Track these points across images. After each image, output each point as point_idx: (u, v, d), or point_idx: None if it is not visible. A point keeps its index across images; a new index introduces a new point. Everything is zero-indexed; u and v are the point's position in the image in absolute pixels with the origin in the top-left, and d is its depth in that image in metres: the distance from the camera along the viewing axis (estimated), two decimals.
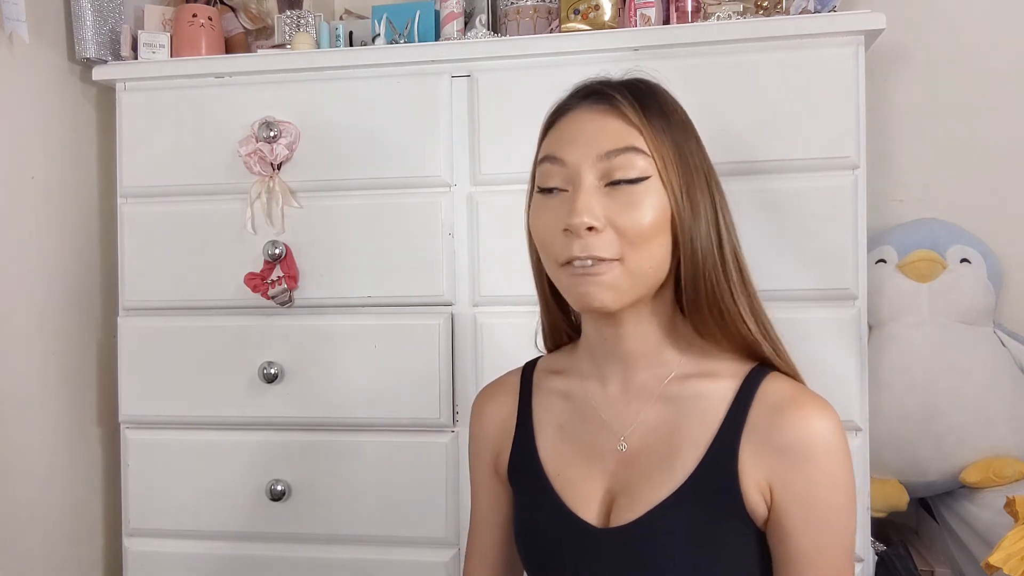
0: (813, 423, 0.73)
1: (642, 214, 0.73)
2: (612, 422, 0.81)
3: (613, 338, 0.80)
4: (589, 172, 0.74)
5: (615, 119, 0.75)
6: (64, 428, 1.53)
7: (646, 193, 0.74)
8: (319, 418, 1.46)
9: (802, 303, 1.33)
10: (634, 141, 0.74)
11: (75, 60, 1.54)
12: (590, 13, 1.44)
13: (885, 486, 1.60)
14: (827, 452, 0.73)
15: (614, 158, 0.74)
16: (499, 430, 0.90)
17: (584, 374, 0.85)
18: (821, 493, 0.72)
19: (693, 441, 0.76)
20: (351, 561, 1.46)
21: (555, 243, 0.76)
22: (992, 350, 1.63)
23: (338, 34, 1.57)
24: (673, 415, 0.79)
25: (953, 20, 1.76)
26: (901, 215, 1.77)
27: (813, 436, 0.73)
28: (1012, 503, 1.32)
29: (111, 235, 1.59)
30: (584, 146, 0.75)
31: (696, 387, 0.79)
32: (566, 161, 0.76)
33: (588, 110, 0.77)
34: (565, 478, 0.82)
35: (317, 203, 1.47)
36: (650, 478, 0.77)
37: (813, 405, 0.74)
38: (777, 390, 0.76)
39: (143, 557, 1.53)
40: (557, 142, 0.78)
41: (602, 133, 0.75)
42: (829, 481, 0.73)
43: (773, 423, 0.74)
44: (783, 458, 0.73)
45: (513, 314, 1.40)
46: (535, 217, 0.79)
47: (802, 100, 1.32)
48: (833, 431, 0.73)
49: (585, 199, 0.73)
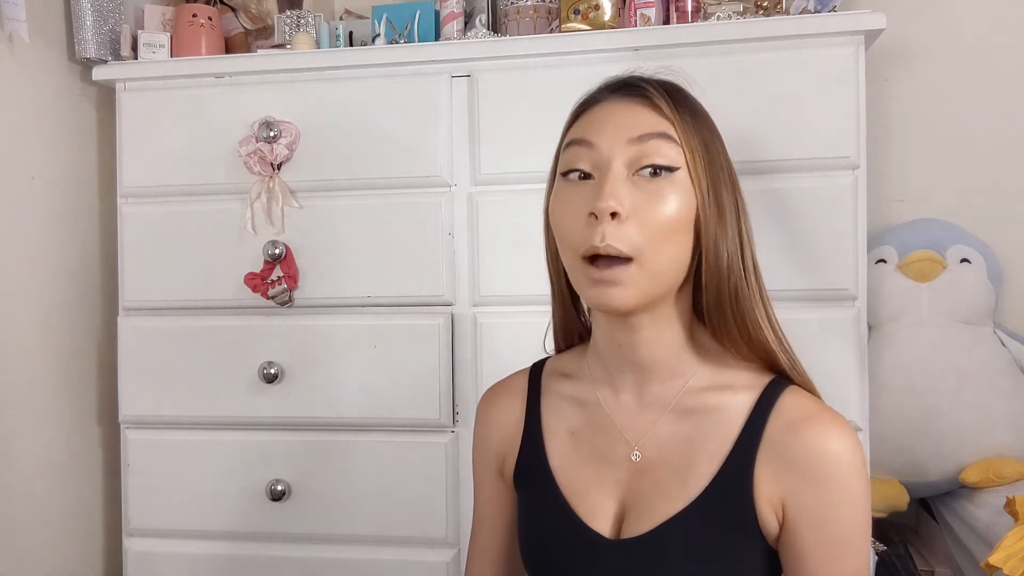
0: (831, 441, 0.71)
1: (667, 206, 0.72)
2: (626, 431, 0.80)
3: (629, 346, 0.78)
4: (619, 158, 0.73)
5: (647, 109, 0.75)
6: (64, 428, 1.53)
7: (672, 187, 0.72)
8: (319, 418, 1.46)
9: (802, 303, 1.33)
10: (666, 129, 0.74)
11: (75, 60, 1.54)
12: (590, 13, 1.44)
13: (885, 486, 1.60)
14: (844, 472, 0.71)
15: (646, 142, 0.73)
16: (506, 433, 0.88)
17: (595, 380, 0.83)
18: (836, 514, 0.71)
19: (709, 455, 0.75)
20: (351, 561, 1.46)
21: (576, 231, 0.73)
22: (992, 350, 1.63)
23: (338, 34, 1.57)
24: (689, 428, 0.77)
25: (953, 20, 1.76)
26: (901, 215, 1.77)
27: (830, 454, 0.71)
28: (1012, 503, 1.32)
29: (111, 235, 1.59)
30: (615, 131, 0.74)
31: (713, 399, 0.77)
32: (596, 144, 0.74)
33: (620, 100, 0.77)
34: (576, 487, 0.80)
35: (317, 203, 1.47)
36: (663, 491, 0.75)
37: (831, 422, 0.73)
38: (795, 405, 0.74)
39: (143, 557, 1.53)
40: (587, 127, 0.76)
41: (634, 119, 0.74)
42: (845, 501, 0.71)
43: (789, 439, 0.72)
44: (797, 475, 0.71)
45: (513, 314, 1.40)
46: (557, 202, 0.77)
47: (802, 100, 1.32)
48: (852, 450, 0.71)
49: (613, 184, 0.71)
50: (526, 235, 1.31)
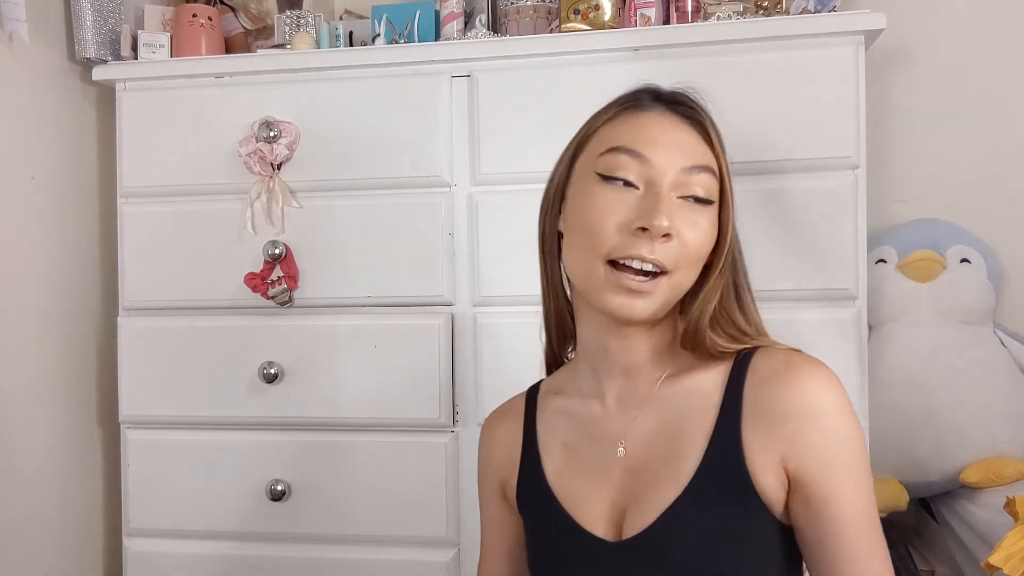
0: (811, 384, 0.72)
1: (703, 232, 0.75)
2: (612, 434, 0.80)
3: (619, 350, 0.80)
4: (670, 179, 0.75)
5: (701, 138, 0.77)
6: (64, 428, 1.53)
7: (708, 216, 0.76)
8: (319, 418, 1.46)
9: (802, 303, 1.33)
10: (712, 164, 0.77)
11: (75, 60, 1.54)
12: (590, 13, 1.44)
13: (885, 486, 1.60)
14: (829, 407, 0.71)
15: (695, 174, 0.75)
16: (506, 455, 0.89)
17: (585, 391, 0.84)
18: (837, 449, 0.70)
19: (693, 436, 0.75)
20: (351, 561, 1.46)
21: (611, 237, 0.74)
22: (992, 350, 1.63)
23: (338, 34, 1.57)
24: (670, 415, 0.78)
25: (953, 20, 1.76)
26: (901, 215, 1.77)
27: (811, 394, 0.71)
28: (1012, 503, 1.32)
29: (111, 235, 1.59)
30: (669, 152, 0.75)
31: (687, 382, 0.78)
32: (651, 161, 0.75)
33: (672, 117, 0.78)
34: (574, 497, 0.80)
35: (317, 203, 1.47)
36: (657, 483, 0.75)
37: (807, 366, 0.73)
38: (768, 361, 0.75)
39: (143, 557, 1.53)
40: (636, 137, 0.76)
41: (687, 145, 0.76)
42: (842, 435, 0.71)
43: (771, 393, 0.73)
44: (789, 426, 0.71)
45: (513, 314, 1.40)
46: (591, 202, 0.76)
47: (802, 100, 1.32)
48: (833, 387, 0.72)
49: (668, 205, 0.73)
50: (526, 235, 1.31)
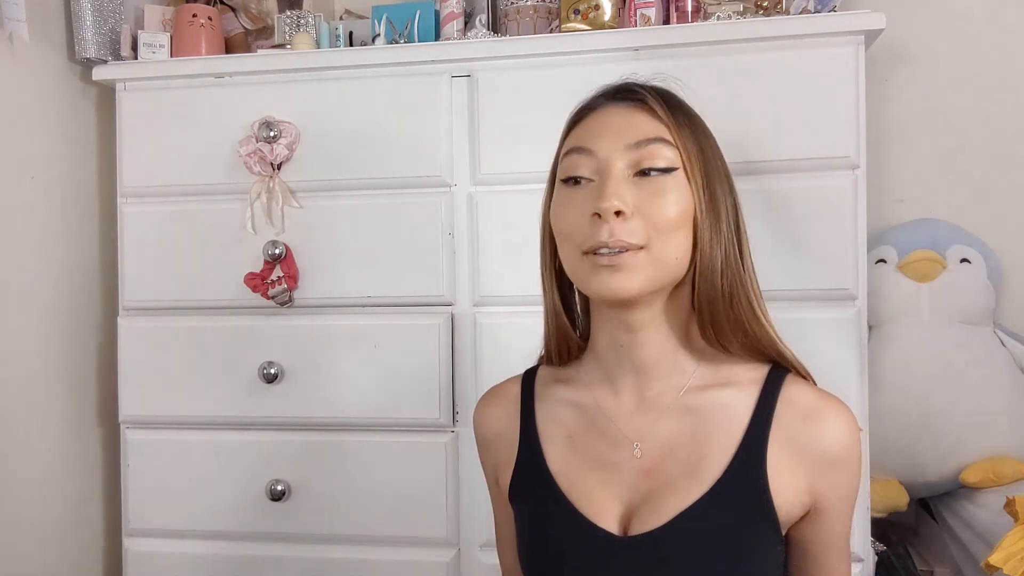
0: (846, 428, 0.77)
1: (669, 203, 0.74)
2: (628, 433, 0.80)
3: (628, 345, 0.79)
4: (618, 161, 0.75)
5: (643, 113, 0.77)
6: (64, 428, 1.53)
7: (673, 185, 0.75)
8: (319, 418, 1.46)
9: (802, 303, 1.33)
10: (662, 133, 0.76)
11: (75, 60, 1.54)
12: (590, 13, 1.44)
13: (885, 486, 1.60)
14: (856, 452, 0.78)
15: (643, 147, 0.75)
16: (500, 443, 0.88)
17: (593, 383, 0.84)
18: (854, 487, 0.79)
19: (719, 447, 0.76)
20: (351, 561, 1.46)
21: (579, 231, 0.75)
22: (992, 350, 1.63)
23: (338, 34, 1.57)
24: (694, 425, 0.78)
25: (953, 20, 1.76)
26: (901, 215, 1.77)
27: (848, 439, 0.77)
28: (1012, 503, 1.32)
29: (111, 235, 1.59)
30: (613, 138, 0.76)
31: (716, 396, 0.79)
32: (595, 151, 0.76)
33: (616, 106, 0.79)
34: (580, 490, 0.79)
35: (317, 203, 1.47)
36: (675, 486, 0.76)
37: (841, 409, 0.78)
38: (802, 395, 0.79)
39: (143, 557, 1.53)
40: (585, 135, 0.78)
41: (631, 125, 0.76)
42: (855, 472, 0.79)
43: (808, 430, 0.77)
44: (826, 463, 0.76)
45: (513, 314, 1.40)
46: (558, 208, 0.78)
47: (802, 100, 1.32)
48: (857, 432, 0.78)
49: (614, 185, 0.73)
50: (526, 235, 1.31)
